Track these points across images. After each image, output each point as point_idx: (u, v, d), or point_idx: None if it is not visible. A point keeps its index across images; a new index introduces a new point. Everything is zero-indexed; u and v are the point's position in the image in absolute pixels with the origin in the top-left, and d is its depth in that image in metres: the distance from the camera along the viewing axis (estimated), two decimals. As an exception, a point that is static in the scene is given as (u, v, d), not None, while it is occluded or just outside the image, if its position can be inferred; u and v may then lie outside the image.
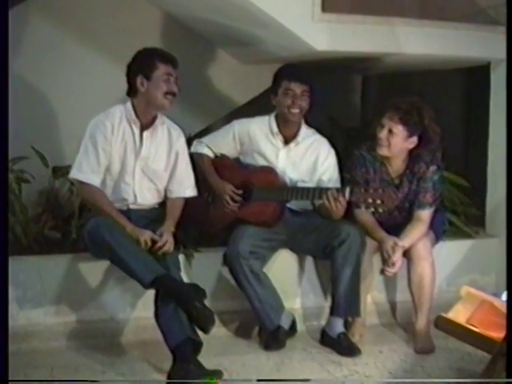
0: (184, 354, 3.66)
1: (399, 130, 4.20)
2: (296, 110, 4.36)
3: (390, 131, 4.22)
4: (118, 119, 4.08)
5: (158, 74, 4.01)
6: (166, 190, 4.27)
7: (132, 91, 4.09)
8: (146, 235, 3.94)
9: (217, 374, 3.65)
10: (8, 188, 3.99)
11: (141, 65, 4.04)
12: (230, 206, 4.39)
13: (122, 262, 3.81)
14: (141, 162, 4.13)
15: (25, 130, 4.85)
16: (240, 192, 4.40)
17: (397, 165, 4.37)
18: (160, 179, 4.22)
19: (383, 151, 4.29)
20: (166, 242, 3.97)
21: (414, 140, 4.26)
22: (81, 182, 4.10)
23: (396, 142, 4.24)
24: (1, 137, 2.86)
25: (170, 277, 3.79)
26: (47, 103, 5.02)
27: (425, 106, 4.24)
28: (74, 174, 4.10)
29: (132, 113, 4.08)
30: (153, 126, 4.13)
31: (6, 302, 2.93)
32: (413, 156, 4.33)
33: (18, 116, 4.74)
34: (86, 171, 4.04)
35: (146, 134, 4.12)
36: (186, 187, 4.29)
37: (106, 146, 4.05)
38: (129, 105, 4.10)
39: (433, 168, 4.32)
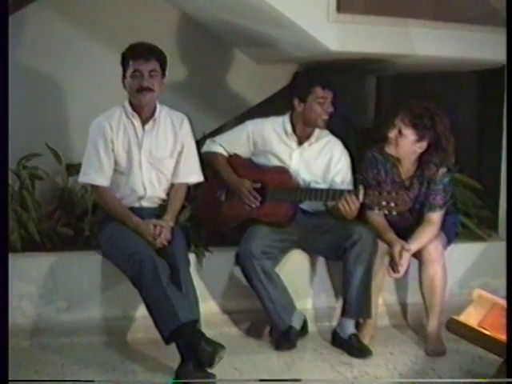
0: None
1: (408, 133, 4.18)
2: (326, 117, 4.38)
3: (400, 132, 4.20)
4: (117, 117, 4.10)
5: (129, 72, 4.04)
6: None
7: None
8: (151, 230, 3.98)
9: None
10: (8, 184, 3.97)
11: (123, 64, 4.09)
12: (250, 202, 4.38)
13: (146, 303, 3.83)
14: (145, 154, 4.12)
15: (39, 128, 4.87)
16: (258, 186, 4.40)
17: (407, 167, 4.36)
18: (167, 167, 4.18)
19: (391, 150, 4.28)
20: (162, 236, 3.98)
21: (423, 145, 4.23)
22: (91, 185, 4.17)
23: (404, 144, 4.22)
24: (2, 135, 2.87)
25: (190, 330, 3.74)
26: (61, 100, 5.03)
27: (440, 114, 4.21)
28: (80, 178, 4.17)
29: (129, 109, 4.10)
30: (153, 118, 4.12)
31: (6, 303, 2.93)
32: (422, 160, 4.30)
33: (32, 113, 4.78)
34: (89, 173, 4.08)
35: (147, 126, 4.11)
36: (191, 172, 4.25)
37: (108, 144, 4.06)
38: (126, 102, 4.12)
39: (443, 170, 4.30)
